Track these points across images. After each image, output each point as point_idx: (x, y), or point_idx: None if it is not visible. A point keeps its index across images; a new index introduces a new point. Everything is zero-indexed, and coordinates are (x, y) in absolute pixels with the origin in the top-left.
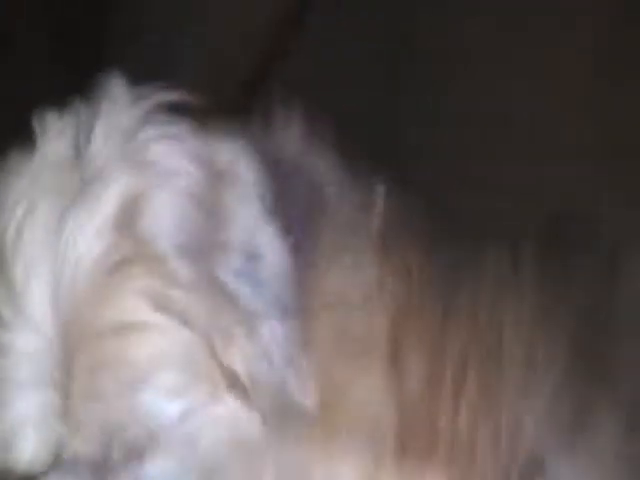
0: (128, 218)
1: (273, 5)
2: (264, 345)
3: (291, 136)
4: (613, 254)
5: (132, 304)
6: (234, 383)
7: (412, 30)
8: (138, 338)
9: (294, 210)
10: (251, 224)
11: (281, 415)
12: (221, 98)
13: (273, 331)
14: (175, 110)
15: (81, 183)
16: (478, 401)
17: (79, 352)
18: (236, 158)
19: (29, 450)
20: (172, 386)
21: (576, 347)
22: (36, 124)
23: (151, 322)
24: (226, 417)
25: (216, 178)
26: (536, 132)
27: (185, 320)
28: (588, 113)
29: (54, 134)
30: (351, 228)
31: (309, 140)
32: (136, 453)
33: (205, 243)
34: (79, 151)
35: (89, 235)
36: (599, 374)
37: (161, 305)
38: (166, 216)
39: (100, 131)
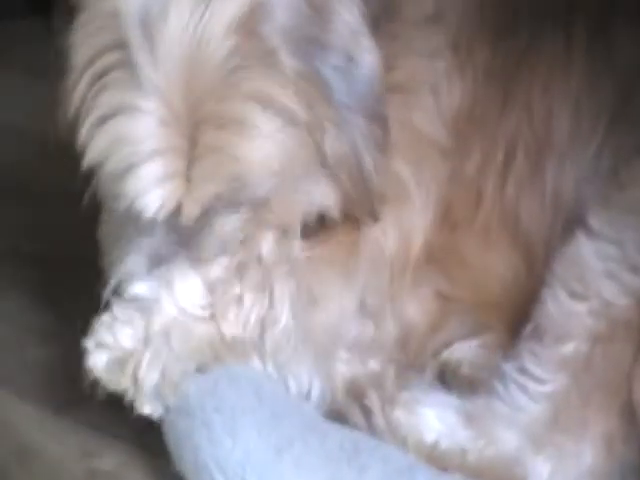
0: (253, 20)
1: None
2: (351, 133)
3: None
4: None
5: (248, 106)
6: (324, 163)
7: None
8: (248, 138)
9: None
10: (353, 29)
11: (358, 195)
12: None
13: (359, 124)
14: None
15: None
16: (525, 171)
17: (200, 130)
18: None
19: (155, 203)
20: (272, 172)
21: (614, 118)
22: None
23: (261, 124)
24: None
25: None
26: None
27: (291, 119)
28: None
29: None
30: (431, 20)
31: None
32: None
33: (312, 40)
34: None
35: (220, 33)
36: (634, 136)
37: (272, 106)
38: (282, 14)
39: None
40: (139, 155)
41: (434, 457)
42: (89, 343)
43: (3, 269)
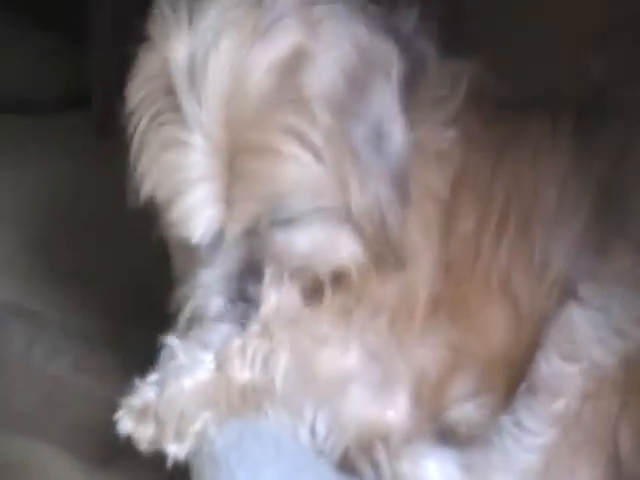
0: (294, 66)
1: None
2: (375, 189)
3: (408, 18)
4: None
5: (281, 137)
6: (348, 215)
7: None
8: (281, 164)
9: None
10: (388, 106)
11: (381, 247)
12: None
13: (383, 188)
14: None
15: (261, 24)
16: (516, 238)
17: (239, 158)
18: (388, 51)
19: (201, 227)
20: (302, 210)
21: (599, 194)
22: None
23: (292, 153)
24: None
25: (368, 64)
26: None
27: (319, 157)
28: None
29: None
30: (439, 100)
31: (420, 23)
32: (277, 225)
33: (346, 108)
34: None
35: (260, 72)
36: (616, 216)
37: (302, 141)
38: (323, 77)
39: None
40: (184, 183)
41: None
42: (120, 413)
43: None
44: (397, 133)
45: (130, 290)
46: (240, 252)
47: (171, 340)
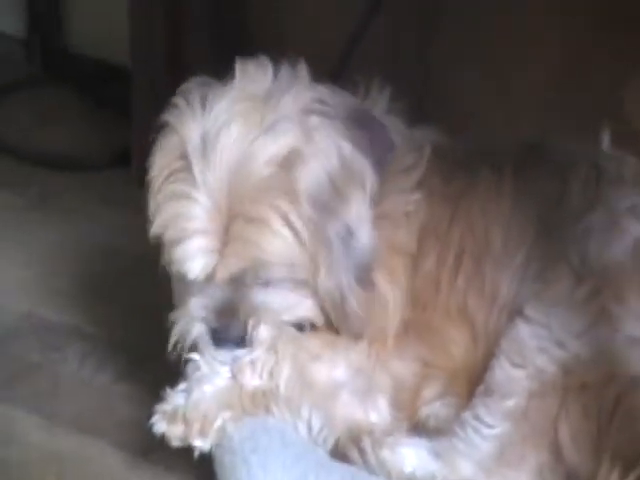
0: (289, 162)
1: None
2: (339, 277)
3: (377, 101)
4: (565, 170)
5: (270, 214)
6: (314, 289)
7: None
8: (267, 235)
9: (375, 147)
10: (361, 214)
11: (338, 320)
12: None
13: (346, 276)
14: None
15: (266, 120)
16: (470, 271)
17: (234, 221)
18: (364, 166)
19: (196, 269)
20: (278, 277)
21: (539, 229)
22: (238, 67)
23: (277, 229)
24: (305, 304)
25: (349, 173)
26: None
27: (298, 237)
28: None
29: (252, 77)
30: (406, 171)
31: (388, 104)
32: (259, 282)
33: (327, 206)
34: (269, 95)
35: (263, 160)
36: (555, 246)
37: (287, 221)
38: (311, 176)
39: (291, 94)
40: (188, 231)
41: None
42: (155, 417)
43: (95, 352)
44: (364, 235)
45: (165, 317)
46: (224, 293)
47: (195, 356)
